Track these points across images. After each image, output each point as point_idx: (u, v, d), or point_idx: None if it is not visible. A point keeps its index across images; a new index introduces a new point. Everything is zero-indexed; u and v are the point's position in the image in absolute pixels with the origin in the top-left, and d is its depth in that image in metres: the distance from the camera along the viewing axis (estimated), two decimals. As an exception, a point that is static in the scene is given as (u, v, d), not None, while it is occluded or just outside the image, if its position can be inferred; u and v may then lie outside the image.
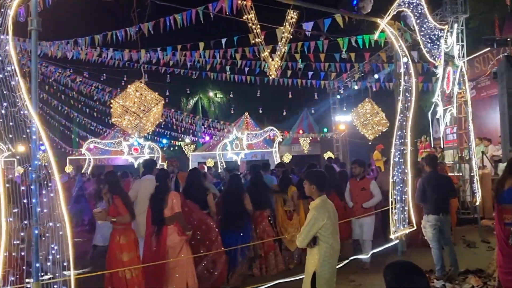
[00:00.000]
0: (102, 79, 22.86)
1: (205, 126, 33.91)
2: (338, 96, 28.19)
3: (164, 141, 36.46)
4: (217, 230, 8.80)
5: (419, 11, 10.15)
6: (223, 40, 14.44)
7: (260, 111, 31.92)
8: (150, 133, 15.86)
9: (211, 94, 45.74)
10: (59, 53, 16.41)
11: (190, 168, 11.33)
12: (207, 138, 36.34)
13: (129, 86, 12.00)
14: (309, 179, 5.93)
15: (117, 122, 12.41)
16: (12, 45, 6.01)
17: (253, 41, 10.50)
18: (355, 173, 10.52)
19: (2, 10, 5.75)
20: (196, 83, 34.97)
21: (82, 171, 24.92)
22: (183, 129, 33.31)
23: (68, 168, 29.68)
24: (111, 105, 13.09)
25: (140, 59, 15.94)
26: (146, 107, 11.26)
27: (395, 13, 9.59)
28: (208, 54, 16.14)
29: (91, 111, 29.40)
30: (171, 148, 38.64)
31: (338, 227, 5.90)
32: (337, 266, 8.78)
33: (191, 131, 34.71)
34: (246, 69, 18.59)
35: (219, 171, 21.57)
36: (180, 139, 35.92)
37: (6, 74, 5.92)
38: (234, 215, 9.18)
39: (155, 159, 28.87)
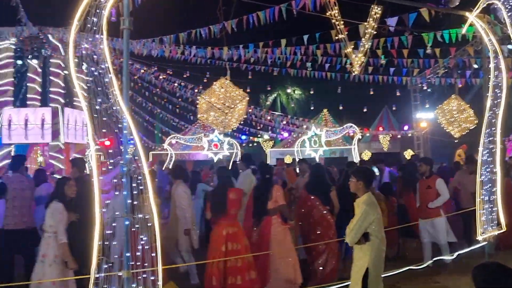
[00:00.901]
0: (185, 76, 23.45)
1: (284, 122, 34.00)
2: (420, 93, 27.42)
3: (243, 137, 36.92)
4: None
5: (511, 4, 9.70)
6: (305, 37, 14.42)
7: (340, 108, 31.58)
8: (234, 129, 16.10)
9: (289, 90, 45.76)
10: (144, 51, 16.99)
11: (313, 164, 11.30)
12: (286, 134, 36.41)
13: (214, 82, 12.24)
14: (357, 176, 6.01)
15: (202, 118, 12.68)
16: (106, 44, 6.28)
17: (336, 37, 10.42)
18: (420, 171, 10.14)
19: (97, 11, 6.01)
20: (275, 79, 35.12)
21: (164, 166, 25.66)
22: (261, 125, 33.55)
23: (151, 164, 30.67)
24: (197, 101, 13.38)
25: (223, 56, 16.19)
26: (231, 104, 11.46)
27: (484, 5, 9.21)
28: (289, 51, 16.18)
29: (173, 107, 30.22)
30: (250, 144, 39.09)
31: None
32: (420, 267, 8.62)
33: (269, 127, 34.93)
34: (327, 65, 18.47)
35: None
36: (258, 136, 36.23)
37: (100, 71, 6.21)
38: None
39: (234, 155, 29.33)
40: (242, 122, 31.97)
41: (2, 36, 19.44)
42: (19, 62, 21.00)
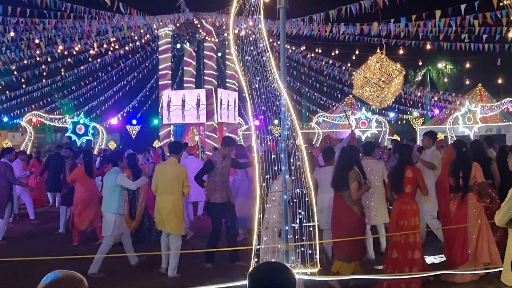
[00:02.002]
0: (333, 54, 23.37)
1: (435, 99, 32.55)
2: None
3: (392, 114, 36.00)
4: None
5: None
6: (462, 7, 13.60)
7: (499, 81, 29.43)
8: (389, 104, 15.73)
9: (440, 65, 43.58)
10: (293, 30, 17.18)
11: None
12: (437, 111, 34.91)
13: (369, 57, 12.07)
14: None
15: (358, 94, 12.59)
16: (264, 24, 6.45)
17: (501, 4, 9.70)
18: None
19: (255, -9, 6.19)
20: (424, 54, 33.66)
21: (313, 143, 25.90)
22: (411, 102, 32.44)
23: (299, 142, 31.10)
24: (344, 79, 13.28)
25: (372, 31, 15.84)
26: (387, 78, 11.23)
27: None
28: (443, 22, 15.36)
29: (321, 85, 30.27)
30: (399, 122, 38.02)
31: None
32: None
33: (419, 104, 33.68)
34: (484, 36, 17.24)
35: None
36: (408, 113, 35.14)
37: (258, 50, 6.40)
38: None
39: (382, 133, 28.75)
40: (390, 99, 31.29)
41: (162, 24, 20.79)
42: (176, 46, 22.34)
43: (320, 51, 23.74)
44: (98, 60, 25.62)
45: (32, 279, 2.15)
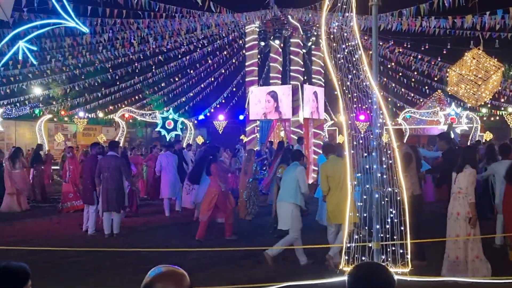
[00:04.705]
0: (422, 48, 22.73)
1: (532, 94, 30.86)
2: None
3: (484, 110, 34.48)
4: None
5: None
6: None
7: None
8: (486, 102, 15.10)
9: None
10: (382, 25, 16.85)
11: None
12: (534, 107, 33.13)
13: (465, 54, 11.67)
14: None
15: (452, 91, 12.21)
16: (356, 21, 6.44)
17: None
18: None
19: (347, -11, 6.19)
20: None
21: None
22: (506, 97, 30.91)
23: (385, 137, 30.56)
24: (433, 74, 12.92)
25: (465, 24, 15.24)
26: (484, 75, 10.81)
27: None
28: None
29: (408, 81, 29.52)
30: (491, 118, 36.39)
31: None
32: None
33: (514, 99, 32.07)
34: None
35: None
36: (502, 108, 33.56)
37: (350, 48, 6.40)
38: None
39: (473, 129, 27.62)
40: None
41: (249, 21, 21.08)
42: (262, 43, 22.56)
43: (408, 45, 23.16)
44: (187, 57, 26.33)
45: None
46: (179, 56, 26.09)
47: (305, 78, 23.56)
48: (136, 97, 33.50)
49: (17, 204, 13.98)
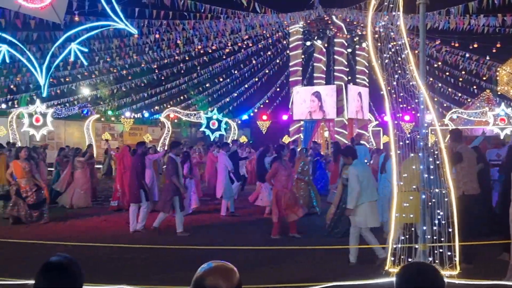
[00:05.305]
0: (470, 47, 22.25)
1: None
2: None
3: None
4: None
5: None
6: None
7: None
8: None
9: None
10: (428, 24, 16.60)
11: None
12: None
13: (517, 52, 11.41)
14: None
15: (502, 91, 11.93)
16: (403, 20, 6.38)
17: None
18: None
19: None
20: None
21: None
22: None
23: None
24: (482, 73, 12.62)
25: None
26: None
27: None
28: None
29: (455, 80, 28.91)
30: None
31: None
32: None
33: None
34: None
35: None
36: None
37: (397, 48, 6.35)
38: None
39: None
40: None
41: (293, 21, 21.10)
42: (308, 43, 22.54)
43: (456, 44, 22.70)
44: (231, 58, 26.53)
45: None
46: (224, 57, 26.33)
47: (349, 78, 23.40)
48: (181, 98, 33.95)
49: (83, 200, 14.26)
